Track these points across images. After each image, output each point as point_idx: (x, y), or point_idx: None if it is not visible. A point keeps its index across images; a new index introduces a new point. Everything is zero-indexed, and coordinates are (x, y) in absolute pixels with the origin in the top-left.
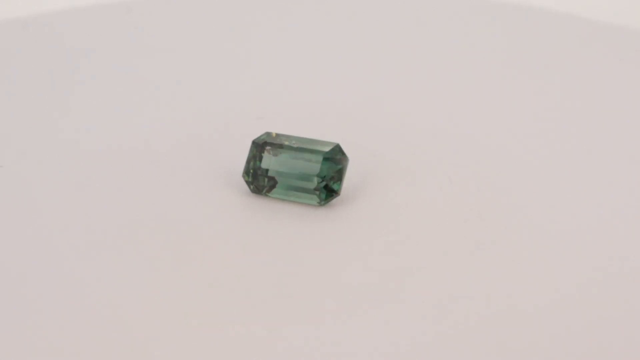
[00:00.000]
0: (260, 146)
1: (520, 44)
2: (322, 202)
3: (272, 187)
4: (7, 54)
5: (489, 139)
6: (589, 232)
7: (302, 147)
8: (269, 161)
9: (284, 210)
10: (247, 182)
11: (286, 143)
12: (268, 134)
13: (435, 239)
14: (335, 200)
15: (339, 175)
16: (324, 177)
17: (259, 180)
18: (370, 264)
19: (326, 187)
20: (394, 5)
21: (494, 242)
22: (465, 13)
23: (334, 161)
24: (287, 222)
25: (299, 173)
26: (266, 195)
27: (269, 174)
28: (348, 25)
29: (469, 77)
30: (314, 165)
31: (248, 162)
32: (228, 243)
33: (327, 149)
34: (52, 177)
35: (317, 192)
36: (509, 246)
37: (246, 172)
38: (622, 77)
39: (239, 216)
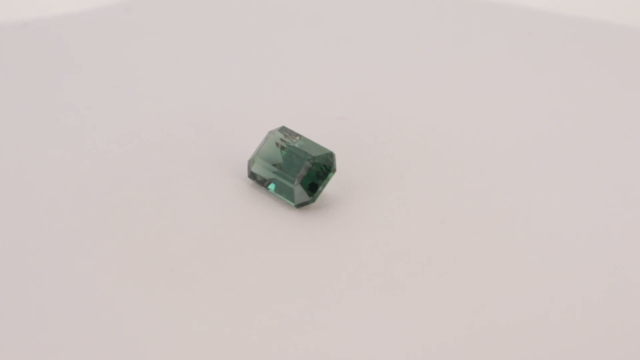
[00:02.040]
0: (271, 135)
1: (517, 45)
2: (297, 205)
3: (271, 181)
4: (7, 53)
5: (489, 146)
6: (591, 240)
7: (297, 147)
8: (269, 152)
9: (267, 208)
10: (249, 169)
11: (289, 140)
12: (283, 128)
13: (407, 255)
14: (320, 205)
15: (320, 182)
16: (301, 180)
17: (257, 168)
18: (311, 274)
19: (305, 191)
20: (393, 7)
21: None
22: (463, 14)
23: (319, 167)
24: (259, 220)
25: (284, 172)
26: (266, 188)
27: (265, 165)
28: (350, 26)
29: (470, 79)
30: (297, 168)
31: (256, 150)
32: (205, 236)
33: (316, 154)
34: (53, 171)
35: (293, 194)
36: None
37: (252, 160)
38: (624, 78)
39: (229, 209)
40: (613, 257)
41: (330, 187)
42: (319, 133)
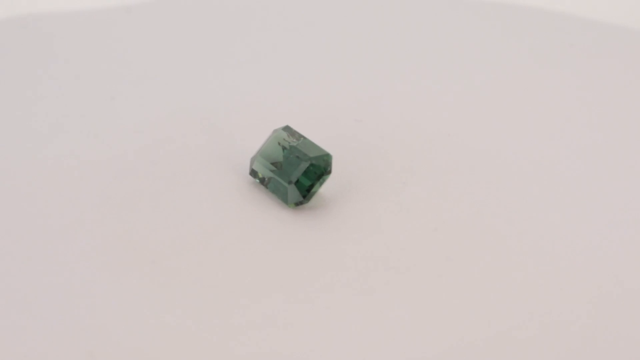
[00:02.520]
0: (274, 134)
1: (518, 46)
2: (291, 205)
3: (270, 180)
4: (6, 53)
5: (502, 159)
6: (593, 254)
7: (296, 147)
8: (270, 151)
9: (262, 206)
10: (250, 166)
11: (290, 140)
12: (287, 127)
13: (398, 261)
14: (315, 206)
15: (315, 183)
16: (296, 180)
17: (257, 166)
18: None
19: (298, 191)
20: (410, 9)
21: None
22: (463, 14)
23: (316, 168)
24: (251, 218)
25: (281, 171)
26: (266, 187)
27: (265, 164)
28: (362, 28)
29: (491, 87)
30: (293, 168)
31: (260, 148)
32: (193, 231)
33: (313, 154)
34: (52, 169)
35: (287, 193)
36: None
37: (254, 158)
38: (627, 80)
39: (224, 205)
40: (604, 286)
41: (330, 189)
42: (328, 135)
